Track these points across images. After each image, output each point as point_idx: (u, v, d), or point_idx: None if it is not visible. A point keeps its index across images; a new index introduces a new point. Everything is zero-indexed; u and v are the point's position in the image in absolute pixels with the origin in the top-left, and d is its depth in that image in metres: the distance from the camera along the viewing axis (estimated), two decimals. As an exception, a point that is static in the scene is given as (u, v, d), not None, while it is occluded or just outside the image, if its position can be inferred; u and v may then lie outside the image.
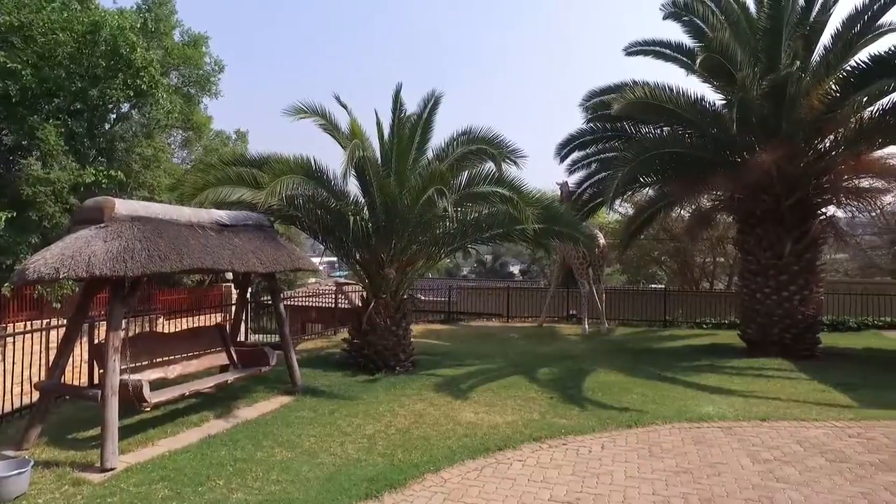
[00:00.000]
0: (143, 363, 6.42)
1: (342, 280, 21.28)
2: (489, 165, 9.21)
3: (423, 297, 19.34)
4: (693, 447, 5.61)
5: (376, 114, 10.11)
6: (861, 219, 19.25)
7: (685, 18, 11.20)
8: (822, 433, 5.97)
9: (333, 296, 15.68)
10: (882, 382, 8.32)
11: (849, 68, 9.75)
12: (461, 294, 19.36)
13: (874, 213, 19.74)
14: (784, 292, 10.48)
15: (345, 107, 9.81)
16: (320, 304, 15.34)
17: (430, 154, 10.16)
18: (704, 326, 15.28)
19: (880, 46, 9.77)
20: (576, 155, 13.44)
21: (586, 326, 14.63)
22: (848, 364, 9.89)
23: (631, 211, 17.96)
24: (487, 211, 9.84)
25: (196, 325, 9.53)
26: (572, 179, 14.42)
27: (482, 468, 5.18)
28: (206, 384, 6.73)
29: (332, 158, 26.56)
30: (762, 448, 5.54)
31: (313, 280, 31.83)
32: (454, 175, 9.15)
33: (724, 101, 11.21)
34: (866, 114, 10.12)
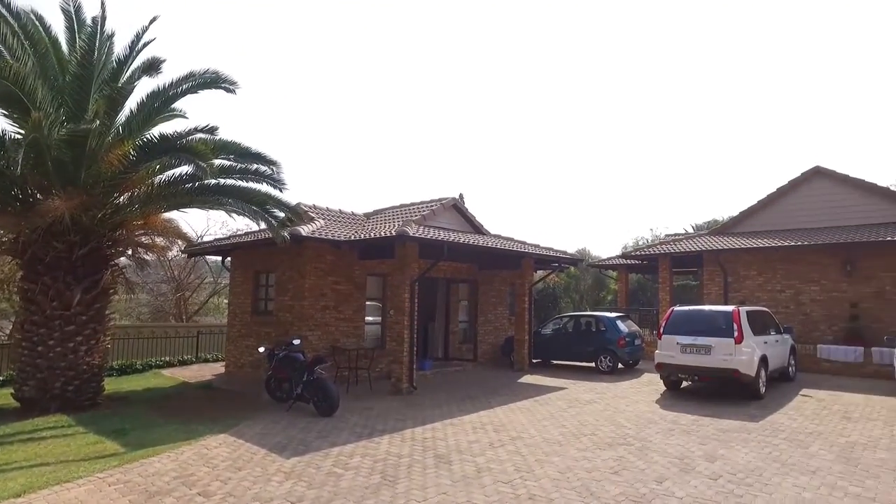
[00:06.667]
0: None
1: None
2: None
3: None
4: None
5: None
6: (155, 268, 21.42)
7: (-18, 31, 9.64)
8: (84, 491, 5.99)
9: None
10: (151, 421, 9.24)
11: (147, 138, 10.81)
12: None
13: (164, 265, 22.37)
14: (70, 343, 10.23)
15: None
16: None
17: None
18: (-28, 386, 12.98)
19: (172, 127, 11.29)
20: None
21: None
22: (128, 408, 10.49)
23: None
24: None
25: None
26: None
27: None
28: None
29: None
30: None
31: None
32: None
33: (20, 134, 10.20)
34: (157, 180, 11.43)
